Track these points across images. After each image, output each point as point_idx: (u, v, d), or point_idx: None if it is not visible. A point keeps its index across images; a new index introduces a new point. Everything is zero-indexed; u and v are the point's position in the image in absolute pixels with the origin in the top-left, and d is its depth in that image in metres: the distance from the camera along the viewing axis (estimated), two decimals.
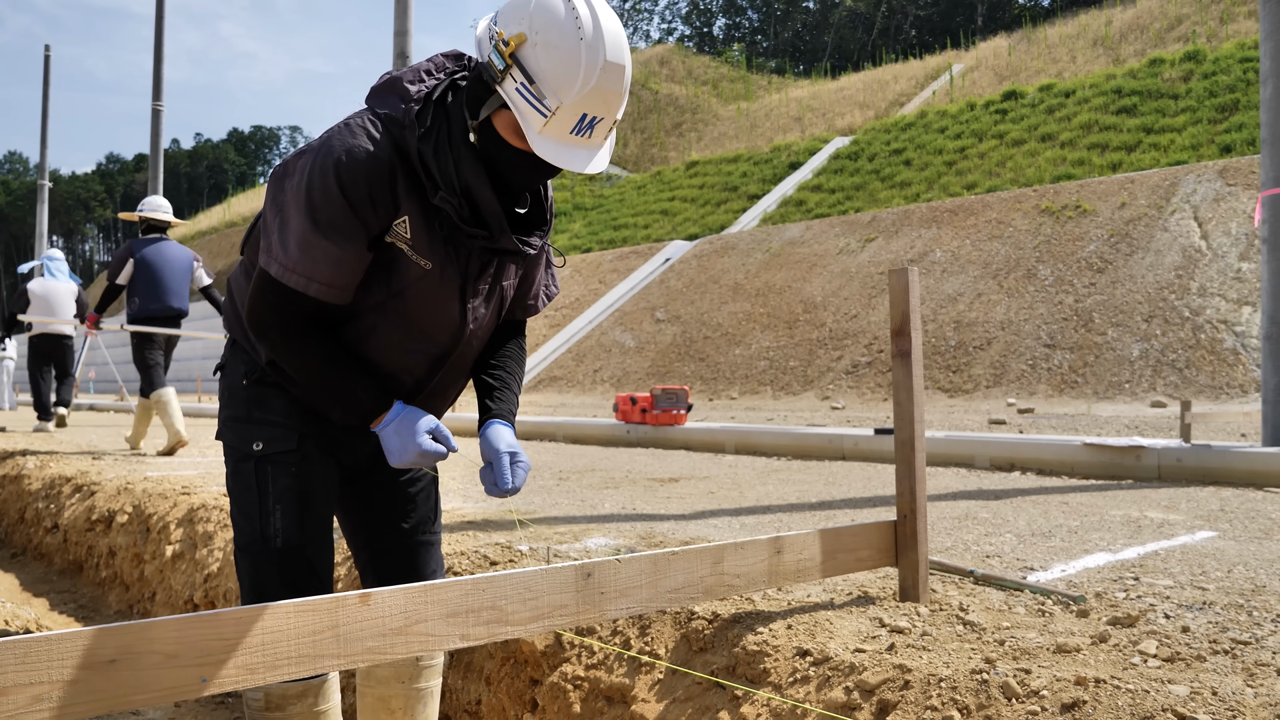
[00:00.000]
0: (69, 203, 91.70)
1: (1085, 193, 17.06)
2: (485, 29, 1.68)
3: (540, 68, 1.60)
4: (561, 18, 1.60)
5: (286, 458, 1.88)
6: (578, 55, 1.59)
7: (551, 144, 1.64)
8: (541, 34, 1.60)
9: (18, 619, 4.14)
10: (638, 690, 2.46)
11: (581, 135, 1.66)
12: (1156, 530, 3.61)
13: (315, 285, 1.70)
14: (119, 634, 1.35)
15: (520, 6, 1.64)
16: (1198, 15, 29.67)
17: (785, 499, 4.71)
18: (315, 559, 1.90)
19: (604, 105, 1.64)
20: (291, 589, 1.83)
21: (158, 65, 19.95)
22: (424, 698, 2.11)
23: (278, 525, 1.86)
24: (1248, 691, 1.74)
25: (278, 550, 1.86)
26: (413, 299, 1.79)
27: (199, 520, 4.60)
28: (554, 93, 1.60)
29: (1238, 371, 11.56)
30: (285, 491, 1.87)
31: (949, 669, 1.94)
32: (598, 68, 1.60)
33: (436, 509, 2.16)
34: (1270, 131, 5.77)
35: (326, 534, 1.94)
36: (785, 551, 2.21)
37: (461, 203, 1.71)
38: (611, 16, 1.64)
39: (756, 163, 30.53)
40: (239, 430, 1.92)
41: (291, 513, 1.87)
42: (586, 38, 1.59)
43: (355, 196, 1.66)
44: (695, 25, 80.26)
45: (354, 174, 1.66)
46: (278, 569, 1.86)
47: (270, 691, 1.86)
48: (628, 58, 1.65)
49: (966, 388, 13.58)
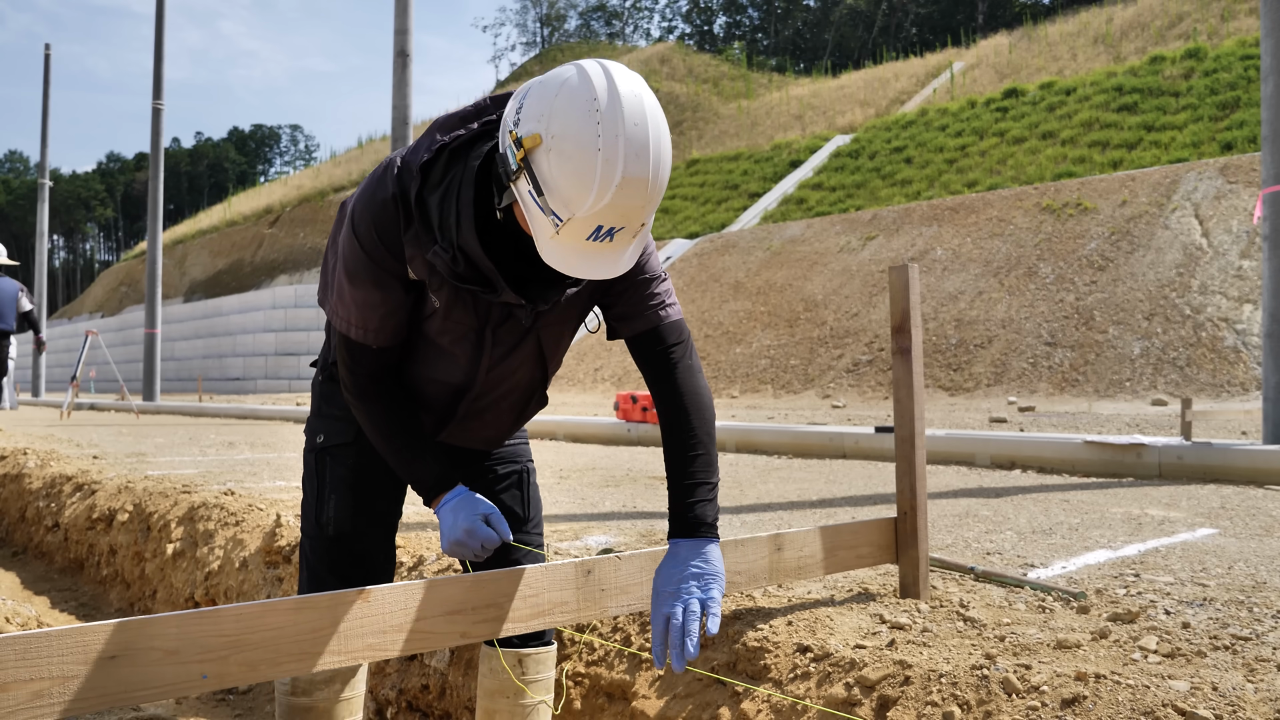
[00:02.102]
0: (69, 202, 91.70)
1: (1086, 190, 17.05)
2: (510, 112, 1.54)
3: (551, 177, 1.46)
4: (578, 125, 1.44)
5: (343, 450, 1.95)
6: (592, 170, 1.43)
7: (563, 251, 1.52)
8: (557, 140, 1.44)
9: (19, 616, 4.14)
10: (638, 686, 2.46)
11: (600, 241, 1.51)
12: (1157, 527, 3.61)
13: (357, 330, 1.73)
14: (120, 630, 1.35)
15: (542, 100, 1.48)
16: (1199, 13, 29.64)
17: (786, 497, 4.71)
18: (366, 549, 1.95)
19: (622, 218, 1.48)
20: (338, 577, 1.90)
21: (158, 64, 19.94)
22: (529, 714, 2.06)
23: (330, 514, 1.93)
24: (1248, 687, 1.74)
25: (329, 538, 1.94)
26: (427, 334, 1.79)
27: (199, 519, 4.60)
28: (565, 205, 1.46)
29: (1238, 369, 11.56)
30: (339, 482, 1.94)
31: (949, 665, 1.94)
32: (613, 184, 1.44)
33: (530, 506, 2.09)
34: (1271, 129, 5.76)
35: (380, 526, 1.97)
36: (785, 548, 2.21)
37: (456, 257, 1.62)
38: (644, 117, 1.46)
39: (757, 161, 30.53)
40: (310, 422, 2.03)
41: (344, 503, 1.93)
42: (604, 150, 1.42)
43: (368, 244, 1.67)
44: (695, 23, 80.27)
45: (365, 223, 1.67)
46: (328, 556, 1.94)
47: (298, 677, 1.89)
48: (655, 166, 1.47)
49: (967, 386, 13.58)
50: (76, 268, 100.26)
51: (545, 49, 78.94)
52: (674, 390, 1.80)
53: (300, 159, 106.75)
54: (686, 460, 1.77)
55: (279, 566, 3.90)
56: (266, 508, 4.40)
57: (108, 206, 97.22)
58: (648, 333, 1.80)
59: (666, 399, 1.80)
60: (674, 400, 1.79)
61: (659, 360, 1.81)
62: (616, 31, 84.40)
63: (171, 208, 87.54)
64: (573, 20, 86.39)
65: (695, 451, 1.78)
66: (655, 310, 1.80)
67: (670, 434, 1.79)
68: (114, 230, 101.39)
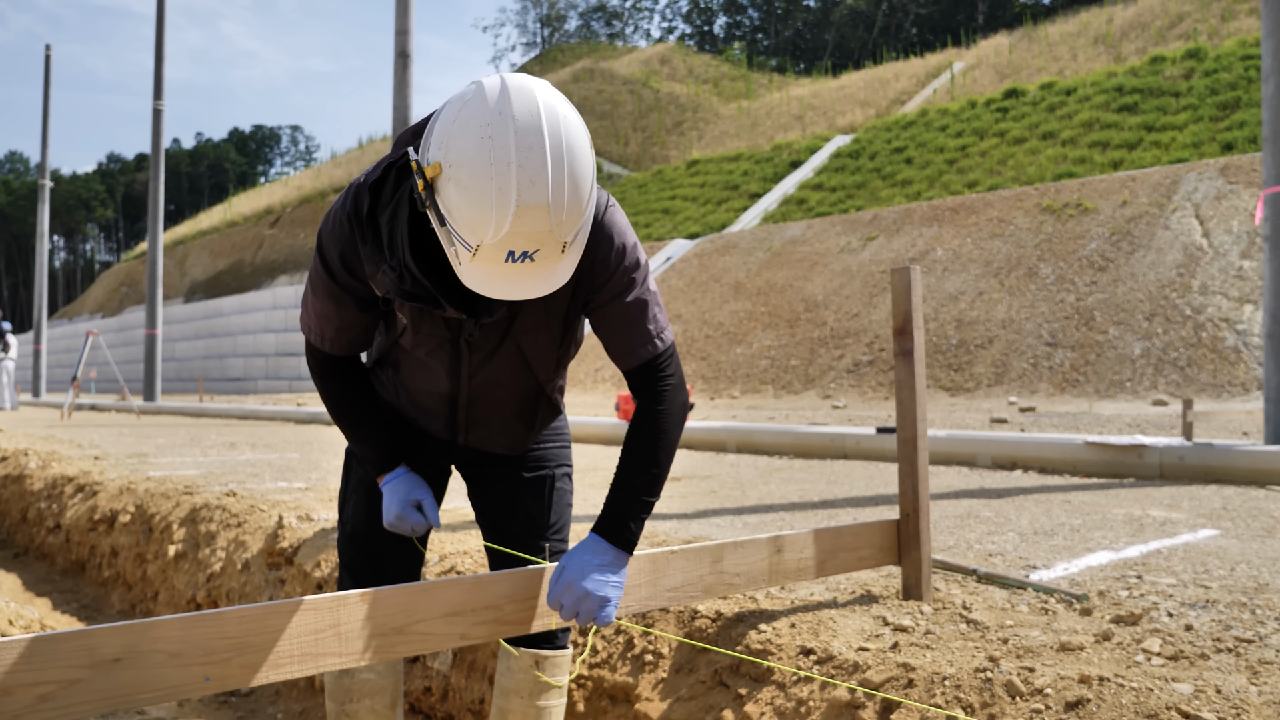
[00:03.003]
0: (70, 202, 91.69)
1: (1086, 191, 17.04)
2: (425, 136, 1.51)
3: (454, 207, 1.41)
4: (472, 153, 1.38)
5: None
6: (488, 199, 1.38)
7: (483, 275, 1.47)
8: (454, 169, 1.40)
9: (21, 618, 4.14)
10: (641, 689, 2.46)
11: (520, 263, 1.44)
12: (1159, 529, 3.60)
13: (315, 336, 1.83)
14: (123, 633, 1.35)
15: (445, 125, 1.44)
16: (1199, 13, 29.63)
17: (787, 498, 4.71)
18: (378, 550, 2.00)
19: (532, 242, 1.42)
20: (351, 574, 2.01)
21: (158, 64, 19.95)
22: (543, 715, 2.06)
23: (349, 514, 2.04)
24: (1251, 689, 1.74)
25: (347, 535, 2.04)
26: (406, 346, 1.86)
27: (201, 520, 4.60)
28: (470, 233, 1.41)
29: (1239, 370, 11.55)
30: (359, 485, 2.02)
31: (953, 667, 1.94)
32: (509, 214, 1.38)
33: (550, 513, 2.08)
34: (1272, 129, 5.76)
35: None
36: (786, 550, 2.20)
37: (403, 275, 1.61)
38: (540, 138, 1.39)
39: (757, 161, 30.52)
40: None
41: (361, 505, 2.01)
42: (496, 178, 1.37)
43: (330, 262, 1.72)
44: (696, 24, 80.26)
45: (328, 241, 1.72)
46: (345, 553, 2.04)
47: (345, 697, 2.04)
48: (556, 189, 1.40)
49: (968, 386, 13.58)
50: (77, 268, 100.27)
51: (545, 49, 78.94)
52: (652, 410, 1.80)
53: (301, 160, 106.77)
54: (639, 472, 1.78)
55: (281, 568, 3.90)
56: (268, 509, 4.40)
57: (108, 207, 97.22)
58: (640, 366, 1.80)
59: (643, 414, 1.82)
60: (649, 418, 1.80)
61: (644, 386, 1.82)
62: (617, 32, 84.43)
63: (172, 208, 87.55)
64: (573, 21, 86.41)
65: (652, 470, 1.79)
66: (644, 346, 1.78)
67: (634, 441, 1.80)
68: (114, 231, 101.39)
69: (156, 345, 19.44)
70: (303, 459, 7.13)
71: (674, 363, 1.83)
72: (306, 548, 3.77)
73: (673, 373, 1.82)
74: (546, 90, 1.45)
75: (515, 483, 2.04)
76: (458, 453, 2.03)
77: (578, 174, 1.43)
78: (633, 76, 50.50)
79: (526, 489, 2.04)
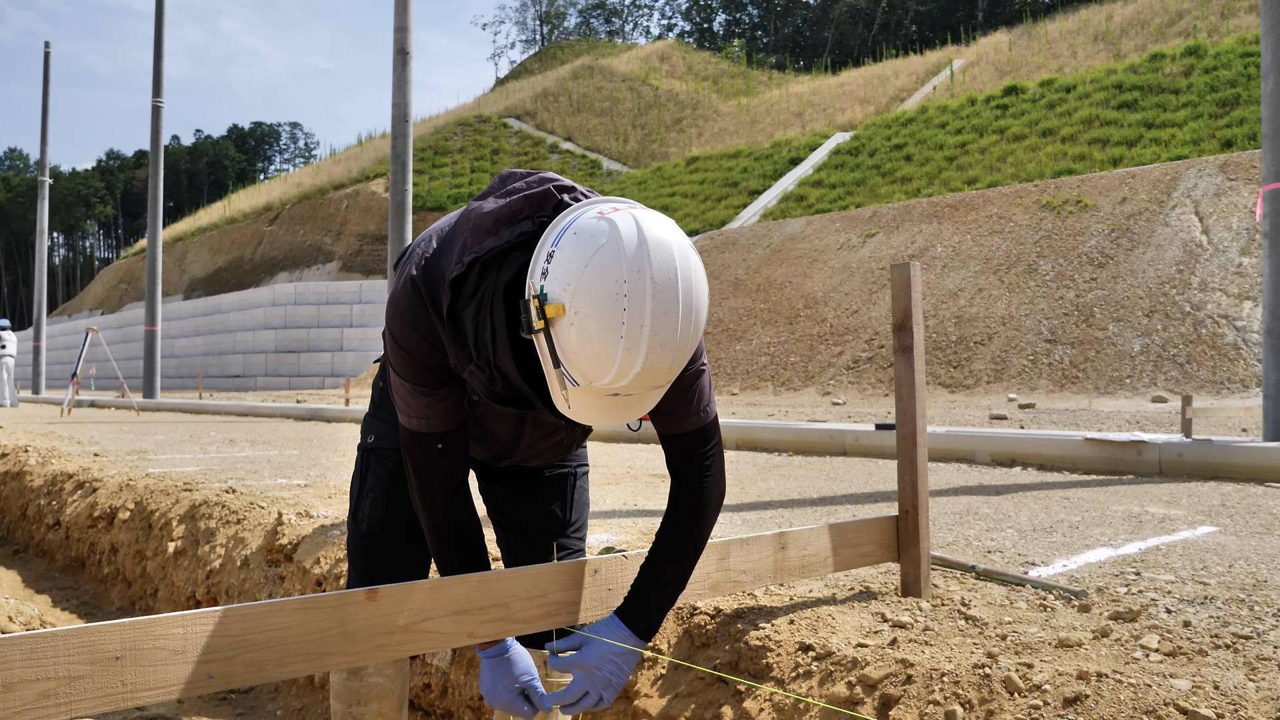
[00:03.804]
0: (69, 199, 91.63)
1: (1086, 188, 17.04)
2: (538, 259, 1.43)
3: (570, 350, 1.38)
4: (604, 308, 1.34)
5: (388, 453, 1.98)
6: (613, 355, 1.35)
7: (580, 404, 1.46)
8: (580, 317, 1.35)
9: (21, 615, 4.15)
10: (640, 685, 2.47)
11: (619, 398, 1.44)
12: (1158, 525, 3.61)
13: (417, 420, 1.70)
14: (126, 630, 1.35)
15: (573, 265, 1.37)
16: (1199, 10, 29.62)
17: (787, 494, 4.72)
18: (392, 551, 1.98)
19: (640, 388, 1.42)
20: (362, 575, 1.98)
21: (158, 61, 19.93)
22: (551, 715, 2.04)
23: (365, 512, 2.00)
24: (1249, 685, 1.74)
25: (361, 535, 2.00)
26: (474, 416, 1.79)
27: (201, 517, 4.60)
28: (581, 375, 1.40)
29: (1239, 366, 11.56)
30: (378, 483, 1.99)
31: (951, 663, 1.94)
32: (632, 372, 1.37)
33: (572, 510, 2.08)
34: (1271, 126, 5.76)
35: (411, 531, 1.98)
36: (790, 547, 2.21)
37: (494, 377, 1.56)
38: (674, 303, 1.36)
39: (757, 158, 30.51)
40: (365, 421, 2.07)
41: (379, 504, 1.98)
42: (627, 338, 1.34)
43: (411, 348, 1.63)
44: (695, 21, 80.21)
45: (402, 330, 1.62)
46: (357, 552, 2.01)
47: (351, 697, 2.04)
48: (678, 352, 1.39)
49: (967, 383, 13.58)
50: (76, 265, 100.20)
51: (545, 46, 78.88)
52: (692, 491, 1.79)
53: (300, 156, 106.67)
54: (672, 561, 1.78)
55: (280, 565, 3.90)
56: (268, 506, 4.40)
57: (107, 204, 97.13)
58: (681, 435, 1.78)
59: (682, 495, 1.79)
60: (688, 500, 1.79)
61: (686, 460, 1.79)
62: (616, 29, 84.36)
63: (171, 205, 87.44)
64: (572, 18, 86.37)
65: (686, 562, 1.79)
66: (693, 416, 1.75)
67: (671, 529, 1.79)
68: (114, 228, 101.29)
69: (156, 342, 19.44)
70: (302, 456, 7.13)
71: (718, 440, 1.80)
72: (306, 544, 3.77)
73: (716, 452, 1.79)
74: (678, 235, 1.42)
75: (536, 481, 2.03)
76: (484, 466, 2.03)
77: (699, 328, 1.42)
78: (632, 74, 50.47)
79: (548, 487, 2.04)
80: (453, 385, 1.66)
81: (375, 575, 1.95)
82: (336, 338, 30.42)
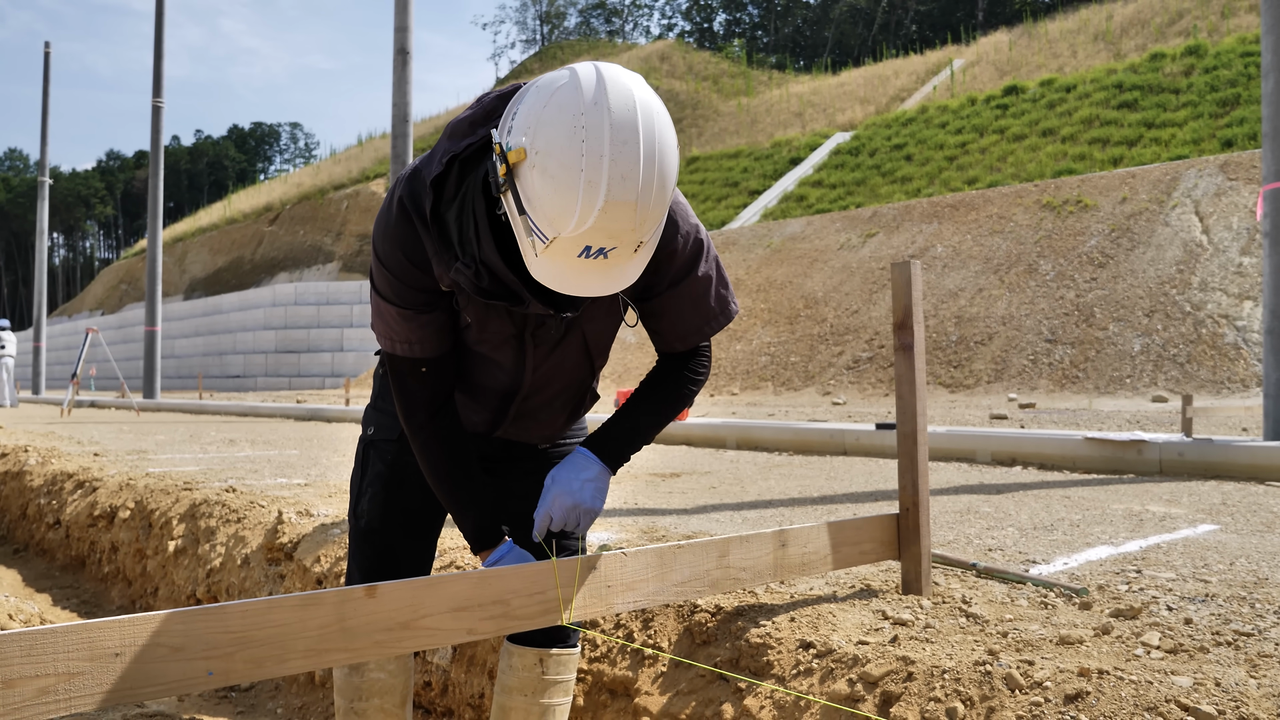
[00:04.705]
0: (69, 200, 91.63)
1: (1086, 187, 17.04)
2: (504, 118, 1.46)
3: (535, 195, 1.38)
4: (562, 142, 1.34)
5: (388, 445, 1.97)
6: (575, 191, 1.34)
7: (553, 268, 1.44)
8: (540, 156, 1.36)
9: (21, 613, 4.15)
10: (641, 683, 2.46)
11: (592, 258, 1.42)
12: (1158, 524, 3.61)
13: (402, 345, 1.72)
14: (125, 627, 1.35)
15: (532, 109, 1.39)
16: (1199, 10, 29.62)
17: (787, 494, 4.71)
18: (391, 547, 1.97)
19: (611, 239, 1.39)
20: (362, 570, 1.96)
21: (158, 62, 19.93)
22: (546, 713, 2.05)
23: (364, 507, 1.98)
24: (1250, 682, 1.74)
25: (360, 531, 1.99)
26: (467, 343, 1.79)
27: (201, 516, 4.60)
28: (549, 224, 1.38)
29: (1239, 366, 11.56)
30: (377, 477, 1.98)
31: (952, 661, 1.94)
32: (595, 208, 1.34)
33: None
34: (1272, 126, 5.76)
35: (410, 526, 1.98)
36: (790, 545, 2.21)
37: (480, 272, 1.57)
38: (634, 133, 1.35)
39: (757, 158, 30.52)
40: (366, 412, 2.06)
41: (378, 498, 1.97)
42: (588, 170, 1.33)
43: (394, 266, 1.64)
44: (695, 21, 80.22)
45: (386, 245, 1.64)
46: (359, 547, 1.99)
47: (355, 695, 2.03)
48: (645, 187, 1.36)
49: (968, 383, 13.58)
50: (76, 265, 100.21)
51: (545, 46, 78.85)
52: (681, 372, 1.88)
53: (300, 157, 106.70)
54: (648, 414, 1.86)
55: (281, 563, 3.90)
56: (268, 505, 4.40)
57: (107, 204, 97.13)
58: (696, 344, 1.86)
59: (669, 370, 1.88)
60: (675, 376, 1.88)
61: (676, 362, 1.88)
62: (616, 29, 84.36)
63: (171, 205, 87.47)
64: (572, 18, 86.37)
65: (660, 418, 1.87)
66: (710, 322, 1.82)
67: (653, 388, 1.87)
68: (114, 228, 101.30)
69: (156, 342, 19.44)
70: (302, 455, 7.13)
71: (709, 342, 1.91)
72: (306, 543, 3.77)
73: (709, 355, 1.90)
74: (642, 86, 1.42)
75: (541, 477, 2.01)
76: (486, 444, 2.00)
77: (666, 174, 1.40)
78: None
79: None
80: (437, 311, 1.69)
81: (375, 571, 1.94)
82: (336, 338, 30.44)
